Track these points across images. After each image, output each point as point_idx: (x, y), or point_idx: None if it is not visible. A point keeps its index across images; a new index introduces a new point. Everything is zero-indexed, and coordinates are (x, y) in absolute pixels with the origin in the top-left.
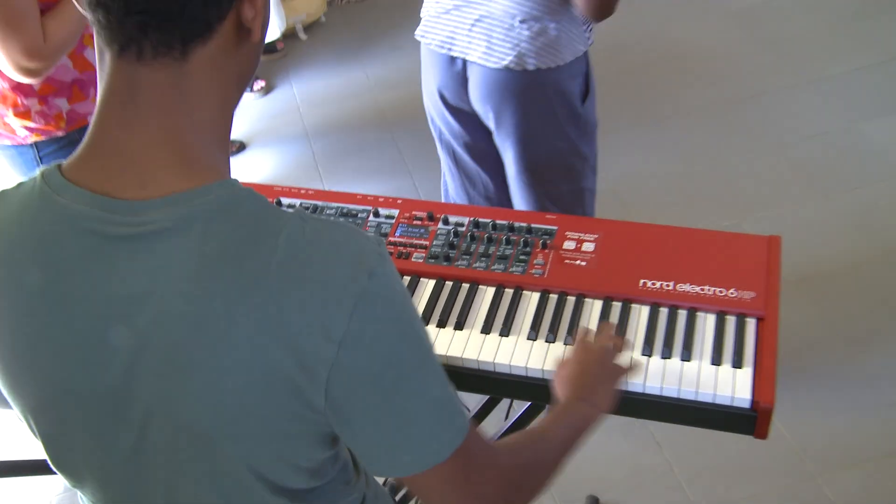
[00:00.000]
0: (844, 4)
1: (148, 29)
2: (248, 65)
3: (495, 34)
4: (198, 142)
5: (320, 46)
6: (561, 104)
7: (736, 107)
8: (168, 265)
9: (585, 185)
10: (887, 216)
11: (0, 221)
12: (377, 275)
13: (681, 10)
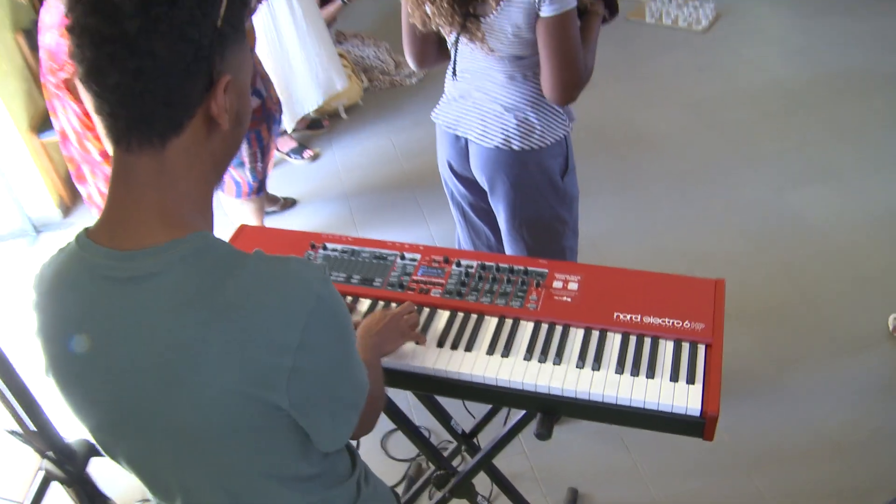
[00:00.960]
0: (774, 100)
1: (131, 129)
2: (224, 148)
3: (488, 120)
4: (179, 207)
5: (358, 124)
6: (543, 179)
7: (690, 178)
8: (156, 300)
9: (566, 244)
10: (807, 266)
11: (48, 269)
12: (322, 297)
13: (646, 100)
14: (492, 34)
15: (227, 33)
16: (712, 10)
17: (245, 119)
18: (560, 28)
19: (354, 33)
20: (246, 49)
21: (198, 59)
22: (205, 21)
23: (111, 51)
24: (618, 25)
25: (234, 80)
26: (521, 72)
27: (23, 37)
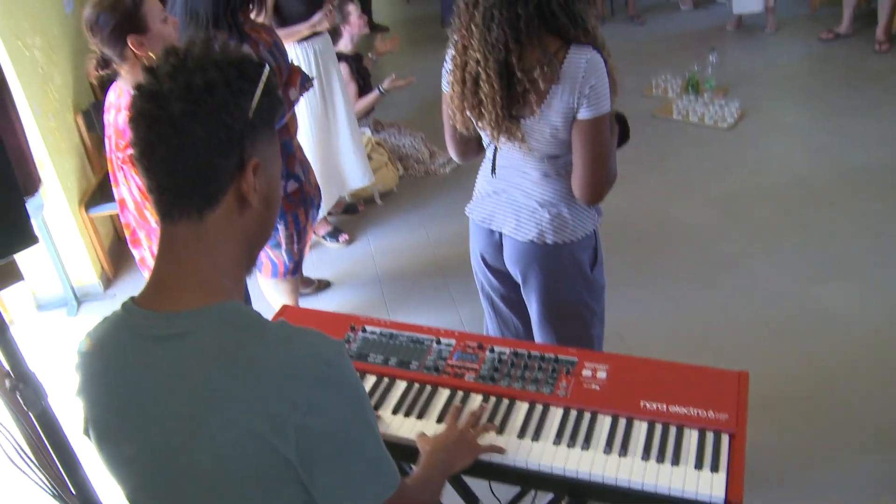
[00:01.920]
0: (798, 196)
1: (174, 201)
2: (256, 227)
3: (522, 215)
4: (215, 276)
5: (392, 210)
6: (574, 270)
7: (714, 270)
8: (187, 355)
9: (594, 332)
10: (832, 359)
11: (93, 333)
12: (334, 364)
13: (673, 195)
14: (531, 135)
15: (258, 124)
16: (737, 108)
17: (274, 203)
18: (595, 131)
19: (391, 122)
20: (275, 143)
21: (230, 141)
22: (237, 110)
23: (159, 130)
24: (646, 122)
25: (263, 166)
26: (556, 170)
27: (81, 118)
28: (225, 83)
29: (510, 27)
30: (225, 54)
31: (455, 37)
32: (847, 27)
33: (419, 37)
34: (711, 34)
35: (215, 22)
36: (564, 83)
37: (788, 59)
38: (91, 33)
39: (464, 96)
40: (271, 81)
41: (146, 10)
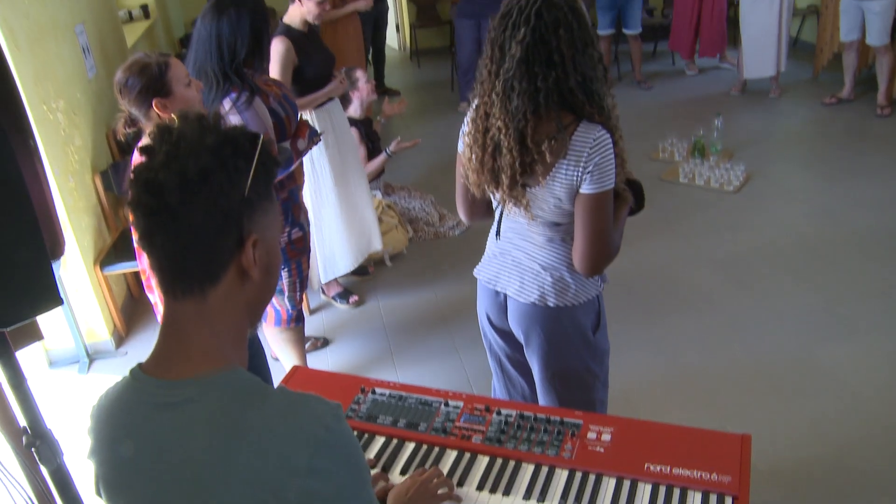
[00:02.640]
0: (802, 258)
1: (176, 281)
2: (257, 295)
3: (526, 277)
4: (218, 345)
5: (402, 272)
6: (576, 334)
7: (719, 332)
8: (192, 422)
9: (597, 396)
10: (836, 422)
11: (104, 398)
12: (332, 429)
13: (678, 257)
14: (535, 202)
15: (254, 199)
16: (743, 171)
17: (274, 269)
18: (596, 205)
19: (402, 186)
20: (273, 208)
21: (228, 222)
22: (234, 191)
23: (158, 219)
24: (653, 185)
25: (262, 238)
26: (560, 236)
27: (99, 178)
28: (220, 167)
29: (529, 99)
30: (217, 134)
31: (477, 101)
32: (849, 92)
33: (429, 101)
34: (717, 99)
35: (224, 78)
36: (570, 158)
37: (792, 123)
38: (120, 94)
39: (482, 161)
40: (266, 151)
41: (171, 75)
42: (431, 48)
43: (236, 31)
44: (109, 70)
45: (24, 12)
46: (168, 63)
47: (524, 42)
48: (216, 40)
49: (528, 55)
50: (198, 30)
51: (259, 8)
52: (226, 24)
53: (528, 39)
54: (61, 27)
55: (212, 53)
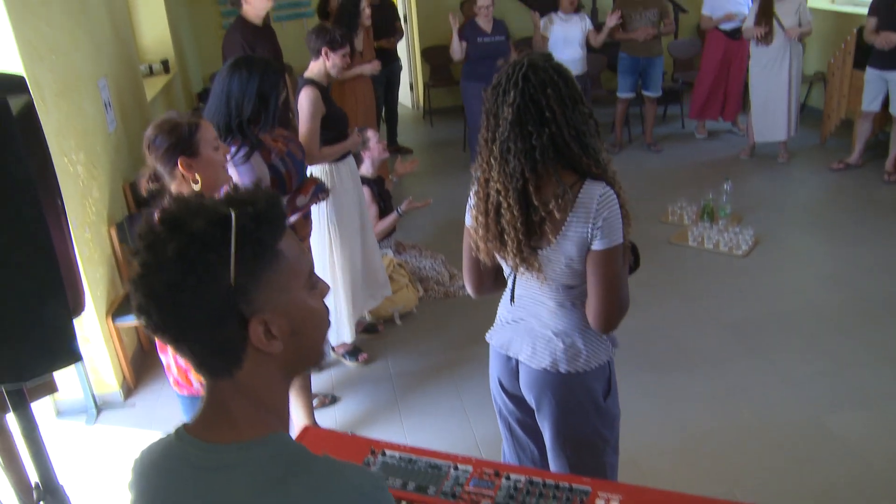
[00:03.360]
0: (811, 323)
1: (199, 370)
2: (291, 359)
3: (538, 343)
4: (258, 413)
5: (412, 331)
6: (587, 399)
7: (729, 397)
8: (233, 488)
9: (607, 460)
10: (849, 493)
11: (146, 453)
12: (373, 499)
13: (688, 320)
14: (547, 265)
15: (246, 282)
16: (752, 236)
17: (306, 328)
18: (608, 260)
19: (413, 244)
20: (281, 274)
21: (221, 315)
22: (216, 284)
23: (156, 330)
24: (662, 248)
25: (275, 310)
26: (571, 300)
27: (115, 230)
28: (189, 270)
29: (526, 157)
30: (179, 239)
31: (478, 172)
32: (857, 158)
33: (441, 160)
34: (726, 162)
35: (227, 131)
36: (579, 215)
37: (801, 188)
38: (148, 150)
39: (487, 226)
40: (245, 230)
41: (200, 137)
42: (444, 108)
43: (244, 90)
44: (128, 123)
45: (50, 67)
46: (198, 125)
47: (514, 104)
48: (225, 96)
49: (520, 116)
50: (214, 84)
51: (269, 72)
52: (236, 83)
53: (518, 101)
54: (85, 82)
55: (220, 107)
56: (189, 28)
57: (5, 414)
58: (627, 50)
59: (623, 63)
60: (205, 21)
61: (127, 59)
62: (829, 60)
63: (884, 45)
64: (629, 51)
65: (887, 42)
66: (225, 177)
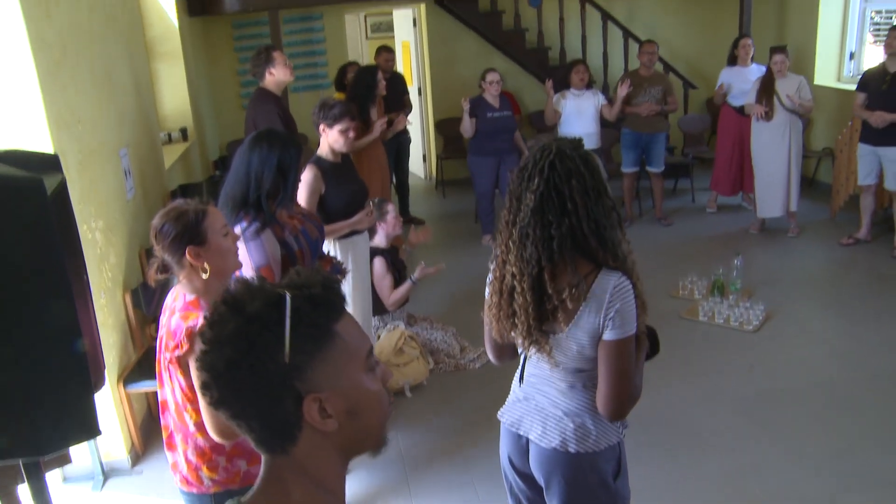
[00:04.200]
0: (823, 401)
1: (259, 445)
2: (348, 440)
3: (549, 423)
4: (311, 490)
5: (422, 403)
6: (595, 480)
7: (741, 477)
8: None
9: None
10: None
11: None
12: None
13: (698, 398)
14: (558, 348)
15: (300, 361)
16: (762, 311)
17: (364, 409)
18: (619, 351)
19: (424, 317)
20: (337, 354)
21: (279, 393)
22: (273, 364)
23: (218, 405)
24: (673, 323)
25: (331, 389)
26: (582, 382)
27: (129, 296)
28: (247, 348)
29: (543, 246)
30: (238, 318)
31: (497, 251)
32: (866, 233)
33: (454, 231)
34: (736, 236)
35: (243, 204)
36: (592, 305)
37: (811, 262)
38: (155, 240)
39: (500, 306)
40: (300, 311)
41: (208, 224)
42: (457, 179)
43: (264, 164)
44: (147, 190)
45: (76, 136)
46: (206, 211)
47: (538, 192)
48: (245, 168)
49: (541, 204)
50: (235, 156)
51: (289, 147)
52: (256, 157)
53: (541, 189)
54: (107, 151)
55: (240, 181)
56: (208, 97)
57: (19, 484)
58: (630, 125)
59: (626, 138)
60: (224, 90)
61: (148, 127)
62: (837, 137)
63: (878, 123)
64: (632, 126)
65: (881, 121)
66: (235, 263)
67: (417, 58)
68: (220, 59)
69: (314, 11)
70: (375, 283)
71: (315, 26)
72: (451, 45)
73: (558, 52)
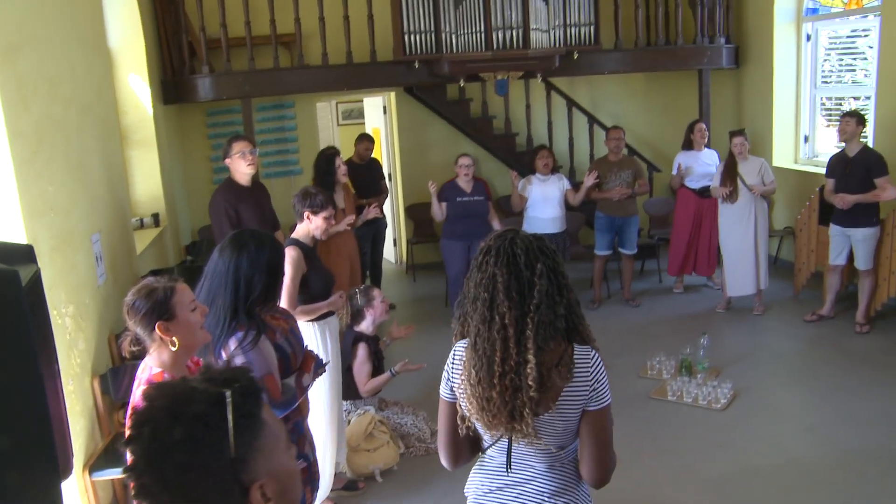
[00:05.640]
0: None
1: None
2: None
3: None
4: None
5: (392, 488)
6: None
7: None
8: None
9: None
10: None
11: None
12: None
13: (668, 477)
14: (543, 429)
15: (244, 452)
16: (730, 389)
17: (289, 488)
18: (602, 421)
19: (395, 401)
20: (270, 438)
21: (229, 485)
22: (219, 462)
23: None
24: (642, 403)
25: (269, 473)
26: (560, 461)
27: (98, 381)
28: (197, 449)
29: (554, 330)
30: (184, 422)
31: (480, 349)
32: (829, 310)
33: (424, 316)
34: (703, 316)
35: (234, 313)
36: (577, 379)
37: (776, 340)
38: (127, 315)
39: (498, 405)
40: (237, 405)
41: (176, 300)
42: (427, 263)
43: (255, 267)
44: (118, 276)
45: (48, 224)
46: (174, 288)
47: (545, 276)
48: (234, 275)
49: (549, 288)
50: (214, 263)
51: (277, 246)
52: (245, 260)
53: (546, 272)
54: (79, 237)
55: (227, 287)
56: (181, 182)
57: None
58: (603, 209)
59: (600, 222)
60: (197, 176)
61: (120, 213)
62: (797, 217)
63: (841, 205)
64: (605, 210)
65: (844, 203)
66: (203, 337)
67: (388, 144)
68: (193, 145)
69: (286, 99)
70: (355, 369)
71: (287, 114)
72: (421, 132)
73: (525, 139)
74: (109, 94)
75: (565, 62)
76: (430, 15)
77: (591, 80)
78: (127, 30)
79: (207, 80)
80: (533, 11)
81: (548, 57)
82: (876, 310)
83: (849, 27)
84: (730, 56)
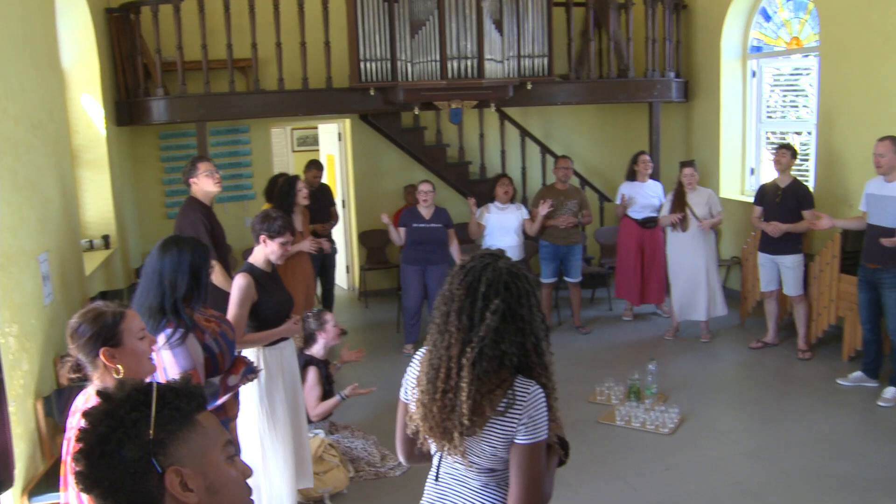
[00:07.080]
0: (737, 500)
1: None
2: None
3: None
4: None
5: None
6: None
7: None
8: None
9: None
10: None
11: None
12: None
13: (614, 499)
14: (472, 450)
15: (162, 438)
16: (677, 414)
17: (222, 487)
18: (530, 455)
19: (345, 425)
20: (199, 435)
21: (143, 465)
22: (138, 438)
23: (93, 491)
24: (590, 428)
25: (191, 464)
26: (495, 481)
27: (41, 403)
28: (116, 425)
29: (498, 364)
30: (109, 398)
31: (438, 362)
32: (773, 337)
33: (376, 341)
34: (652, 343)
35: (161, 313)
36: (507, 411)
37: (722, 366)
38: (70, 339)
39: (438, 420)
40: (164, 397)
41: (124, 326)
42: (379, 290)
43: (177, 269)
44: (66, 296)
45: None
46: (123, 314)
47: (497, 313)
48: (158, 276)
49: (501, 325)
50: (145, 265)
51: (199, 249)
52: (168, 262)
53: (501, 310)
54: (26, 256)
55: (153, 289)
56: (133, 205)
57: None
58: (548, 238)
59: (544, 250)
60: (148, 199)
61: (70, 234)
62: (743, 246)
63: (774, 233)
64: (550, 238)
65: (777, 231)
66: (149, 368)
67: (342, 170)
68: (145, 168)
69: (241, 124)
70: (305, 392)
71: (242, 139)
72: (375, 159)
73: (479, 167)
74: (61, 114)
75: (519, 92)
76: (386, 43)
77: (544, 110)
78: (81, 49)
79: (162, 102)
80: (487, 42)
81: (502, 87)
82: (817, 336)
83: (791, 65)
84: (679, 90)
